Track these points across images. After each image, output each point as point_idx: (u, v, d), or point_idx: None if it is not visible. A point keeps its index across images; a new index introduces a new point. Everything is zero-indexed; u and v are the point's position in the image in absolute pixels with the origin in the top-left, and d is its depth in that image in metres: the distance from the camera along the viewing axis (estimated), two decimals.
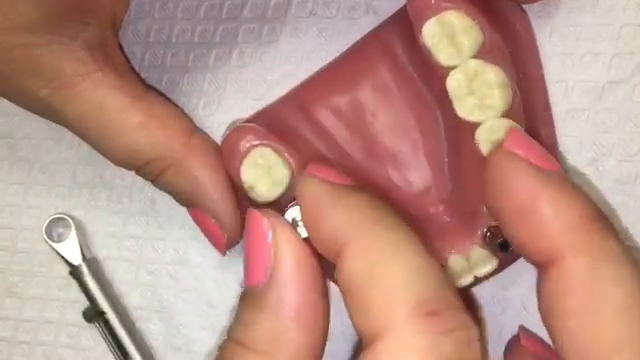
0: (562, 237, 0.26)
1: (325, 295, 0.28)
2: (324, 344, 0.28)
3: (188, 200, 0.35)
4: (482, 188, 0.28)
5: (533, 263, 0.27)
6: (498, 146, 0.28)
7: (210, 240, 0.35)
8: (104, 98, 0.33)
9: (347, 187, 0.27)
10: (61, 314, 0.40)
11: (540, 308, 0.27)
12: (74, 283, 0.39)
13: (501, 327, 0.36)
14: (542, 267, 0.27)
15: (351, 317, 0.25)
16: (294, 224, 0.29)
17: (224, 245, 0.35)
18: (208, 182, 0.34)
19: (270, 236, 0.27)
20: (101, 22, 0.33)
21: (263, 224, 0.28)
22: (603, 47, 0.34)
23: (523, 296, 0.35)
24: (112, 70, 0.33)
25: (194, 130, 0.35)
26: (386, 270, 0.25)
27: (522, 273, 0.35)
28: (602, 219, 0.27)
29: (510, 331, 0.35)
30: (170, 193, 0.35)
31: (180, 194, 0.35)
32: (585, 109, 0.34)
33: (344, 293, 0.25)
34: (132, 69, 0.36)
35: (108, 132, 0.33)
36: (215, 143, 0.35)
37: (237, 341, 0.27)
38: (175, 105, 0.36)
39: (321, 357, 0.27)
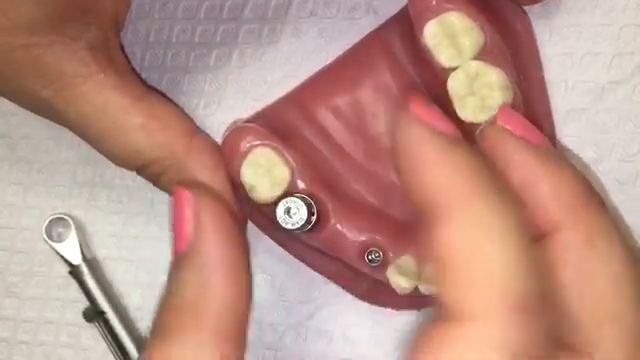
0: (560, 211, 0.26)
1: (246, 253, 0.30)
2: (249, 301, 0.29)
3: None
4: None
5: None
6: (490, 123, 0.29)
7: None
8: (106, 99, 0.32)
9: (453, 140, 0.26)
10: (61, 314, 0.40)
11: None
12: (74, 283, 0.39)
13: None
14: (536, 239, 0.27)
15: (438, 285, 0.24)
16: (287, 214, 0.32)
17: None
18: (209, 183, 0.34)
19: (191, 205, 0.29)
20: (103, 22, 0.33)
21: (183, 195, 0.29)
22: (603, 47, 0.34)
23: None
24: (114, 71, 0.33)
25: (196, 131, 0.35)
26: (491, 251, 0.24)
27: None
28: (596, 195, 0.27)
29: None
30: (170, 194, 0.35)
31: None
32: (585, 109, 0.34)
33: (437, 260, 0.24)
34: (133, 70, 0.36)
35: (109, 133, 0.33)
36: (216, 144, 0.35)
37: (168, 304, 0.29)
38: (176, 106, 0.36)
39: (248, 314, 0.29)
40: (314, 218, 0.33)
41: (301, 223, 0.32)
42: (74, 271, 0.39)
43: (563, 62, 0.34)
